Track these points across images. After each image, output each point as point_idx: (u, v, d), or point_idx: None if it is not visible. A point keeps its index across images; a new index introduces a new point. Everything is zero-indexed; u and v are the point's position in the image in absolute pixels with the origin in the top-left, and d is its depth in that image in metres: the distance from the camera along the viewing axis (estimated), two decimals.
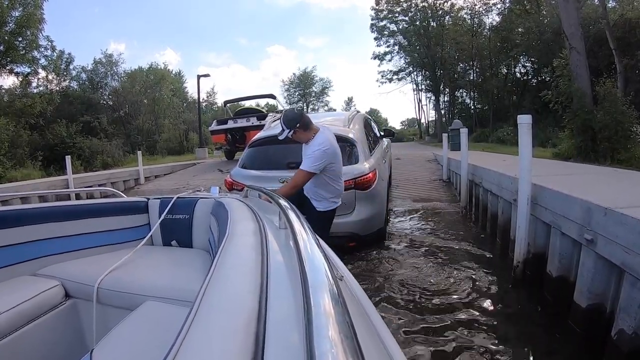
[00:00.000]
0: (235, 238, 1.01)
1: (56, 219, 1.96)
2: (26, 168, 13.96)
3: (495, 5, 22.80)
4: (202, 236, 2.11)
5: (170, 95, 27.36)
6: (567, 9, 8.14)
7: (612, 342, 1.89)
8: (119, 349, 1.07)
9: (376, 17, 28.38)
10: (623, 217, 1.84)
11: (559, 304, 2.46)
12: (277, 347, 0.47)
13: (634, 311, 1.76)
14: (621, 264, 1.86)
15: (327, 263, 0.59)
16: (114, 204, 2.30)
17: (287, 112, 2.58)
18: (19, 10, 16.06)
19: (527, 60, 20.79)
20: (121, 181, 10.04)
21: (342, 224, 3.36)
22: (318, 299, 0.46)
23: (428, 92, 29.82)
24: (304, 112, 2.74)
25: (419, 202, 6.02)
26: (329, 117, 4.70)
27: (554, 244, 2.61)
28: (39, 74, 18.82)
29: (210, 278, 0.72)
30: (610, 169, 4.65)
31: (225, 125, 11.62)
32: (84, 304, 1.62)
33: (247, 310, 0.56)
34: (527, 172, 2.86)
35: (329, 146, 2.44)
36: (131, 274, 1.64)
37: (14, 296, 1.45)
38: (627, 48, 12.19)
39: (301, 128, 2.46)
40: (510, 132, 14.56)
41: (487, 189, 4.40)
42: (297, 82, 42.69)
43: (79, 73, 23.52)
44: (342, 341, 0.37)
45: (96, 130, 19.87)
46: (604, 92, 7.40)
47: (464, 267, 3.25)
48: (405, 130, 49.58)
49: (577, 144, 7.58)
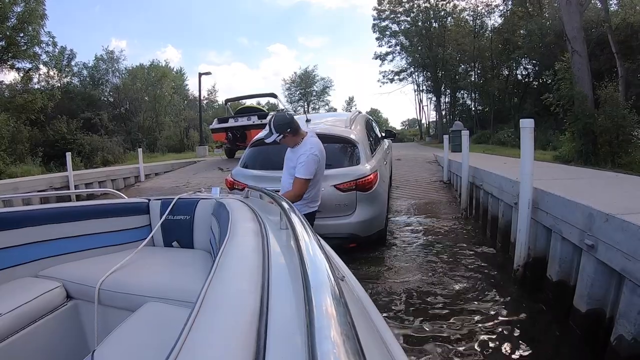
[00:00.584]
0: (237, 238, 1.01)
1: (57, 221, 1.96)
2: (26, 164, 13.94)
3: (497, 7, 22.83)
4: (203, 237, 2.11)
5: (171, 92, 27.32)
6: (570, 12, 8.13)
7: (612, 348, 1.89)
8: (120, 350, 1.07)
9: (378, 18, 28.42)
10: (624, 223, 1.84)
11: (559, 308, 2.46)
12: (278, 348, 0.47)
13: (634, 317, 1.76)
14: (621, 270, 1.86)
15: (329, 263, 0.59)
16: (115, 205, 2.30)
17: (277, 116, 2.57)
18: (21, 5, 16.03)
19: (528, 62, 20.81)
20: (121, 178, 10.04)
21: (342, 225, 3.36)
22: (319, 299, 0.46)
23: (429, 92, 29.89)
24: (294, 116, 2.78)
25: (420, 203, 6.03)
26: (330, 118, 4.69)
27: (555, 248, 2.61)
28: (40, 70, 18.81)
29: (211, 279, 0.72)
30: (612, 173, 4.65)
31: (226, 123, 11.62)
32: (85, 305, 1.62)
33: (248, 310, 0.56)
34: (529, 176, 2.86)
35: (318, 151, 2.49)
36: (132, 275, 1.64)
37: (15, 298, 1.45)
38: (628, 52, 12.21)
39: (291, 133, 2.50)
40: (511, 134, 14.57)
41: (487, 192, 4.40)
42: (298, 81, 42.68)
43: (80, 69, 23.56)
44: (343, 342, 0.37)
45: (97, 127, 19.87)
46: (606, 95, 7.41)
47: (464, 270, 3.26)
48: (406, 131, 49.54)
49: (577, 147, 7.58)
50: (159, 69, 27.19)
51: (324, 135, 3.78)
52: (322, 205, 3.37)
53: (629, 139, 6.95)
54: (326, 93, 43.52)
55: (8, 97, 16.72)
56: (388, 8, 27.54)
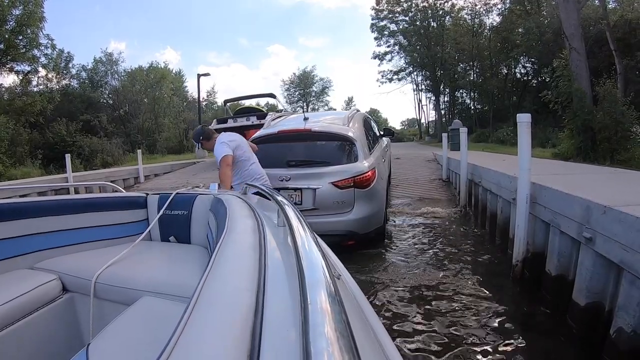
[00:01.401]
0: (233, 235, 1.01)
1: (54, 213, 1.95)
2: (26, 166, 13.98)
3: (495, 5, 22.84)
4: (201, 232, 2.11)
5: (171, 94, 27.37)
6: (568, 10, 8.15)
7: (611, 341, 1.88)
8: (115, 344, 1.06)
9: (376, 17, 28.46)
10: (622, 215, 1.84)
11: (558, 302, 2.46)
12: (273, 344, 0.47)
13: (633, 309, 1.75)
14: (620, 262, 1.86)
15: (325, 261, 0.59)
16: (112, 198, 2.29)
17: (194, 131, 3.38)
18: (20, 8, 16.06)
19: (527, 60, 20.85)
20: (121, 179, 10.05)
21: (341, 222, 3.36)
22: (315, 296, 0.46)
23: (428, 92, 29.89)
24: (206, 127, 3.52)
25: (419, 201, 6.03)
26: (328, 116, 4.70)
27: (553, 242, 2.61)
28: (39, 73, 18.86)
29: (207, 274, 0.72)
30: (610, 169, 4.65)
31: (225, 124, 11.61)
32: (81, 298, 1.62)
33: (244, 306, 0.56)
34: (527, 170, 2.86)
35: (225, 138, 3.10)
36: (129, 269, 1.63)
37: (10, 290, 1.44)
38: (627, 49, 12.22)
39: (204, 139, 3.18)
40: (510, 133, 14.58)
41: (486, 188, 4.40)
42: (297, 81, 42.70)
43: (79, 72, 23.62)
44: (338, 339, 0.37)
45: (96, 129, 19.87)
46: (604, 92, 7.42)
47: (463, 266, 3.25)
48: (405, 130, 49.59)
49: (576, 144, 7.60)
50: (158, 70, 27.23)
51: (322, 133, 3.80)
52: (320, 203, 3.39)
53: (628, 135, 6.97)
54: (325, 93, 43.61)
55: (7, 99, 16.75)
56: (386, 8, 27.57)
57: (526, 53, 19.51)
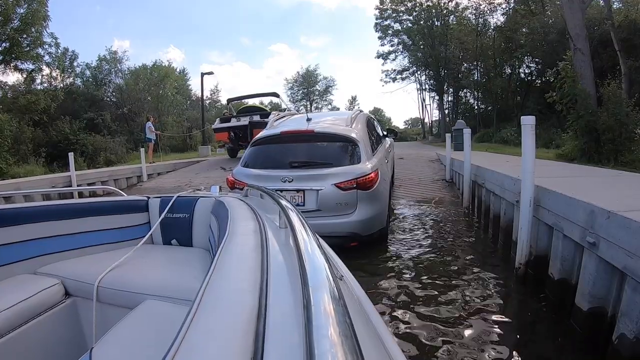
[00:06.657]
0: (236, 237, 1.01)
1: (56, 218, 1.96)
2: (29, 164, 14.02)
3: (500, 5, 22.67)
4: (202, 235, 2.11)
5: (174, 92, 27.37)
6: (572, 10, 8.10)
7: (614, 347, 1.87)
8: (118, 348, 1.07)
9: (380, 17, 28.32)
10: (626, 220, 1.83)
11: (561, 306, 2.45)
12: (276, 347, 0.47)
13: (636, 316, 1.74)
14: (623, 268, 1.84)
15: (328, 263, 0.59)
16: (114, 202, 2.30)
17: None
18: (24, 7, 16.13)
19: (531, 60, 20.66)
20: (124, 178, 10.07)
21: (343, 224, 3.36)
22: (318, 298, 0.46)
23: (432, 91, 29.69)
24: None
25: (422, 202, 6.01)
26: (331, 117, 4.69)
27: (556, 246, 2.59)
28: (43, 71, 18.96)
29: (210, 277, 0.72)
30: (614, 171, 4.62)
31: (228, 123, 11.64)
32: (83, 303, 1.62)
33: (247, 309, 0.56)
34: (530, 173, 2.85)
35: None
36: (131, 273, 1.64)
37: (13, 295, 1.45)
38: (631, 49, 12.08)
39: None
40: (514, 133, 14.47)
41: (489, 190, 4.39)
42: (301, 80, 42.66)
43: (83, 70, 23.63)
44: (341, 341, 0.37)
45: (99, 127, 19.90)
46: (608, 93, 7.36)
47: (465, 268, 3.24)
48: (409, 130, 49.42)
49: (580, 145, 7.54)
50: (161, 69, 27.22)
51: (324, 134, 3.79)
52: (323, 204, 3.39)
53: (632, 136, 6.90)
54: (329, 92, 43.55)
55: (11, 97, 16.82)
56: (390, 7, 27.47)
57: (530, 53, 19.34)
